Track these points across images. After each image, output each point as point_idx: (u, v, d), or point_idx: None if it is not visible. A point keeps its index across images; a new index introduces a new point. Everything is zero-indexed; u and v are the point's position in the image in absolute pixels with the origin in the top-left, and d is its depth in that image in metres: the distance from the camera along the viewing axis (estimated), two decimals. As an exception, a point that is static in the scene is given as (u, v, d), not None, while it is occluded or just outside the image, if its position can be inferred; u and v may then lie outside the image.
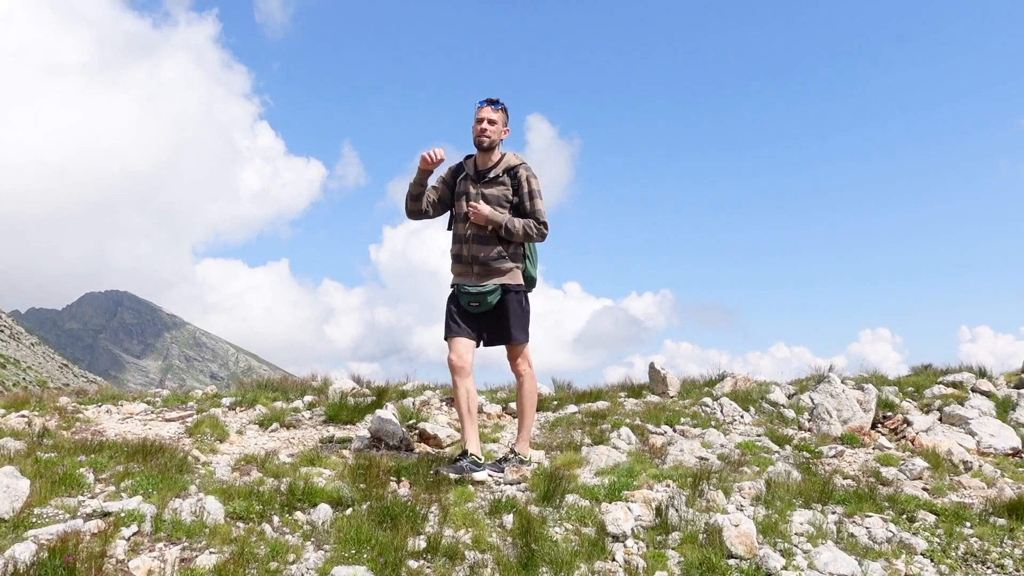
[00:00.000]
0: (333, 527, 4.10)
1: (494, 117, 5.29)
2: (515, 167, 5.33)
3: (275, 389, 7.88)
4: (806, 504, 4.96)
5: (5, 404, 6.83)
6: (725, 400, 7.62)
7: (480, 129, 5.27)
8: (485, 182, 5.29)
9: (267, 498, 4.33)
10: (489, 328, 5.35)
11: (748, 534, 4.19)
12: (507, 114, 5.40)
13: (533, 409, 5.60)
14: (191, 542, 3.79)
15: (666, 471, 5.39)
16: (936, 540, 4.58)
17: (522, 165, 5.34)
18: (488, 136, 5.27)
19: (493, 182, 5.29)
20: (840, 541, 4.47)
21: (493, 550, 4.00)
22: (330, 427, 6.49)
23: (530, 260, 5.47)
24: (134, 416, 6.78)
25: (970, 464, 6.27)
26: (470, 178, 5.37)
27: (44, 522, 3.81)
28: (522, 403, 5.53)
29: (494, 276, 5.25)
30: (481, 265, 5.24)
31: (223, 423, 6.28)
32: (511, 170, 5.32)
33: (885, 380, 9.05)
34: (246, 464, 5.13)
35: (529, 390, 5.50)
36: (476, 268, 5.26)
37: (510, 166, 5.33)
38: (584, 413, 7.24)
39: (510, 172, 5.32)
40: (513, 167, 5.33)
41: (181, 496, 4.24)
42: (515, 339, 5.35)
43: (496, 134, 5.31)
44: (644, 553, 4.13)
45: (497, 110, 5.32)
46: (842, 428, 7.13)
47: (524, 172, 5.30)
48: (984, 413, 7.61)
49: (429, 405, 7.40)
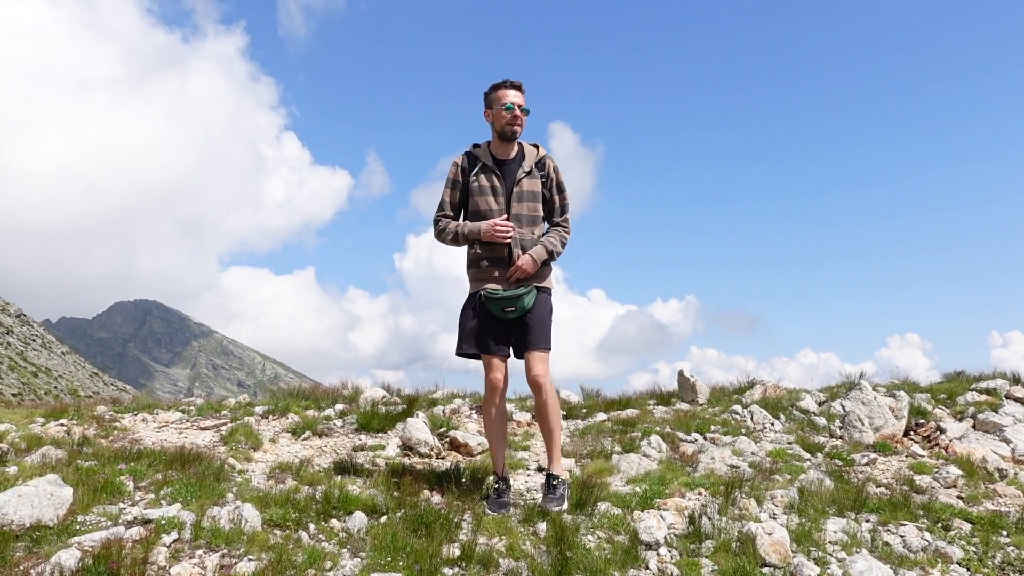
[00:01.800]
0: (368, 535, 4.14)
1: (524, 104, 4.82)
2: (543, 158, 4.92)
3: (306, 397, 7.97)
4: (839, 512, 4.93)
5: (44, 413, 6.97)
6: (755, 408, 7.59)
7: (512, 117, 4.77)
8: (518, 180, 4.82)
9: (303, 506, 4.39)
10: (517, 335, 4.79)
11: (782, 542, 4.17)
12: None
13: (560, 423, 4.99)
14: (230, 549, 3.85)
15: (698, 479, 5.38)
16: (972, 549, 4.54)
17: (548, 156, 4.95)
18: (521, 125, 4.82)
19: (522, 178, 4.83)
20: (875, 550, 4.44)
21: (527, 558, 4.02)
22: (362, 435, 6.55)
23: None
24: (169, 425, 6.88)
25: (1005, 472, 6.20)
26: (490, 170, 4.86)
27: (87, 529, 3.89)
28: (549, 419, 4.83)
29: (532, 278, 4.78)
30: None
31: (256, 431, 6.36)
32: (540, 161, 4.90)
33: (917, 387, 8.97)
34: (281, 472, 5.19)
35: (555, 403, 4.84)
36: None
37: (539, 157, 4.91)
38: (613, 421, 7.25)
39: (539, 164, 4.89)
40: (541, 158, 4.91)
41: (219, 504, 4.31)
42: (544, 345, 4.76)
43: (523, 124, 4.85)
44: (677, 561, 4.13)
45: (522, 92, 4.84)
46: (874, 436, 7.08)
47: (552, 163, 4.91)
48: (1019, 420, 7.53)
49: (459, 413, 7.44)
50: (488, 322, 4.78)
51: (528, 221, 4.81)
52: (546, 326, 4.78)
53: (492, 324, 4.77)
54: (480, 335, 4.78)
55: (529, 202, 4.82)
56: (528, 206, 4.82)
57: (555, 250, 4.83)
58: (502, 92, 4.79)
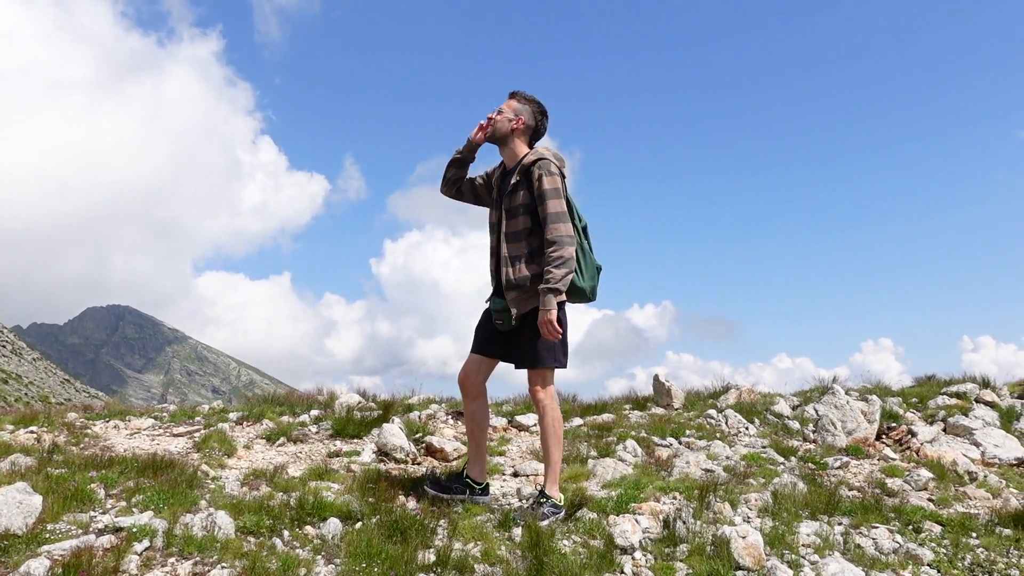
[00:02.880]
0: (343, 541, 4.12)
1: (503, 106, 4.77)
2: (530, 165, 4.61)
3: (281, 403, 7.91)
4: (812, 515, 4.98)
5: (14, 420, 6.86)
6: (730, 412, 7.65)
7: (487, 118, 4.78)
8: (507, 194, 4.68)
9: (277, 512, 4.35)
10: (516, 348, 4.69)
11: (756, 546, 4.20)
12: (525, 102, 4.78)
13: (560, 444, 4.73)
14: (203, 557, 3.81)
15: (673, 483, 5.41)
16: (943, 551, 4.60)
17: (538, 162, 4.58)
18: (493, 126, 4.74)
19: (514, 191, 4.65)
20: (847, 552, 4.48)
21: (502, 563, 4.02)
22: (337, 441, 6.51)
23: (576, 268, 4.61)
24: (142, 431, 6.80)
25: (975, 475, 6.29)
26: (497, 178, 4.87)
27: (57, 537, 3.83)
28: (545, 438, 4.69)
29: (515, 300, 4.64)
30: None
31: (230, 438, 6.30)
32: (526, 169, 4.63)
33: (889, 391, 9.09)
34: (255, 479, 5.15)
35: (551, 422, 4.65)
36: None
37: (526, 164, 4.63)
38: (590, 426, 7.27)
39: (525, 171, 4.63)
40: (528, 165, 4.62)
41: (192, 511, 4.26)
42: (534, 361, 4.62)
43: (502, 124, 4.72)
44: (652, 565, 4.14)
45: (512, 98, 4.79)
46: (847, 439, 7.16)
47: (537, 171, 4.55)
48: (988, 424, 7.64)
49: (435, 419, 7.42)
50: (485, 325, 4.85)
51: (513, 237, 4.67)
52: (534, 345, 4.58)
53: (488, 328, 4.82)
54: (476, 334, 4.87)
55: (514, 217, 4.66)
56: (514, 222, 4.67)
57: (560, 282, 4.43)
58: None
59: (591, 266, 4.75)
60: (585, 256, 4.70)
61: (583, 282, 4.64)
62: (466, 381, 4.85)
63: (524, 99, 4.78)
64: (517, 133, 4.76)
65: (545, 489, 4.72)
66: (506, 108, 4.76)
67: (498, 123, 4.74)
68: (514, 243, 4.66)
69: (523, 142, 4.79)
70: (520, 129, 4.75)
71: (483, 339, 4.83)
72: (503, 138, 4.76)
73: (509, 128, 4.73)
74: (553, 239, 4.46)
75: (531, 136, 4.82)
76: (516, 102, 4.77)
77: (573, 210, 4.71)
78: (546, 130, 4.86)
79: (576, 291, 4.63)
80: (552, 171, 4.55)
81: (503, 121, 4.73)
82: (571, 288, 4.58)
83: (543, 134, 4.85)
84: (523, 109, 4.76)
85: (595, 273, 4.77)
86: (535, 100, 4.81)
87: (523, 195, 4.61)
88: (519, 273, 4.60)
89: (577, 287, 4.61)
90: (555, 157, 4.66)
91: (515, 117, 4.74)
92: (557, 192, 4.52)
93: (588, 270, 4.71)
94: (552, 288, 4.40)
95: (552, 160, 4.61)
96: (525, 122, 4.75)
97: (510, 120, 4.74)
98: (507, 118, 4.74)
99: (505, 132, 4.74)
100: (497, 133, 4.75)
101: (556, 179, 4.55)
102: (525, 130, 4.77)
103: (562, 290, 4.43)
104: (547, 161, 4.58)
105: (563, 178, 4.65)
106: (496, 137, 4.77)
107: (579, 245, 4.65)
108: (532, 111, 4.78)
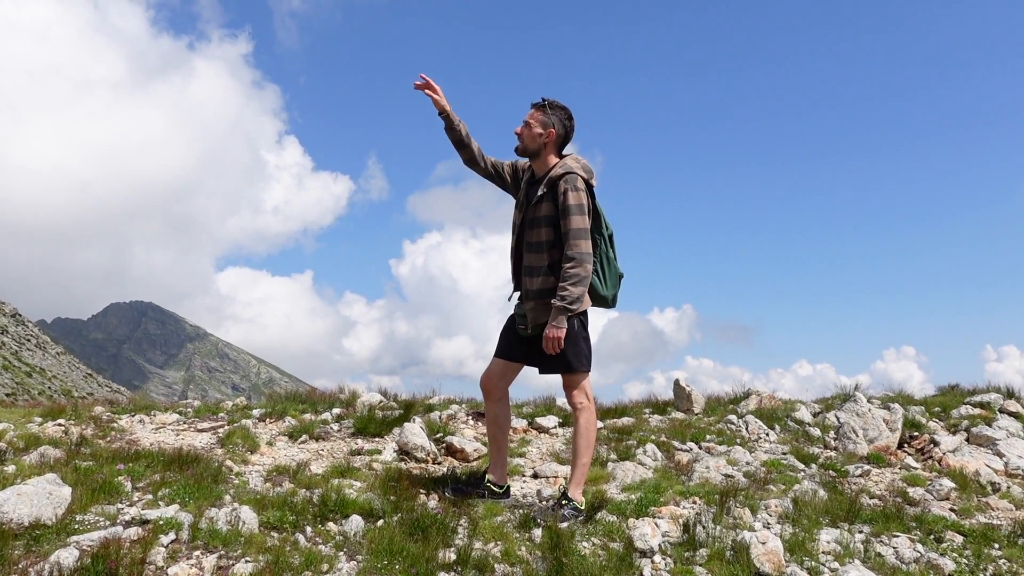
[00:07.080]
0: (365, 538, 4.16)
1: (529, 119, 4.68)
2: (557, 179, 4.56)
3: (303, 401, 7.99)
4: (833, 523, 4.96)
5: (42, 413, 6.99)
6: (750, 418, 7.63)
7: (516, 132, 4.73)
8: (533, 204, 4.65)
9: (300, 508, 4.41)
10: (540, 353, 4.67)
11: (776, 552, 4.20)
12: (553, 111, 4.68)
13: (590, 448, 4.78)
14: (227, 550, 3.87)
15: (692, 488, 5.41)
16: (964, 561, 4.57)
17: (565, 177, 4.54)
18: (521, 141, 4.71)
19: (539, 202, 4.63)
20: (867, 560, 4.47)
21: (522, 563, 4.04)
22: (358, 439, 6.57)
23: (599, 276, 4.72)
24: (167, 426, 6.90)
25: (998, 485, 6.24)
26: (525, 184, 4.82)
27: (86, 528, 3.91)
28: (576, 440, 4.75)
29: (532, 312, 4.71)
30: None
31: (254, 434, 6.38)
32: (553, 182, 4.58)
33: (911, 400, 9.02)
34: (278, 475, 5.22)
35: (585, 425, 4.72)
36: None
37: (554, 177, 4.58)
38: (609, 429, 7.28)
39: (552, 184, 4.58)
40: (556, 179, 4.57)
41: (216, 505, 4.33)
42: (564, 367, 4.67)
43: (529, 139, 4.68)
44: (672, 569, 4.15)
45: (538, 110, 4.68)
46: (868, 447, 7.11)
47: (563, 185, 4.50)
48: (1012, 434, 7.57)
49: (456, 419, 7.46)
50: (510, 330, 4.90)
51: (535, 248, 4.67)
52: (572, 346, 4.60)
53: (513, 333, 4.88)
54: (500, 338, 4.93)
55: (537, 228, 4.64)
56: (536, 232, 4.65)
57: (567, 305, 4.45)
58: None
59: (614, 275, 4.81)
60: (609, 265, 4.76)
61: (605, 291, 4.76)
62: (488, 384, 4.90)
63: (552, 108, 4.68)
64: (548, 146, 4.71)
65: (568, 491, 4.74)
66: (533, 121, 4.68)
67: (526, 139, 4.69)
68: (535, 253, 4.68)
69: (553, 152, 4.74)
70: (546, 142, 4.69)
71: (507, 344, 4.88)
72: (526, 153, 4.74)
73: (541, 144, 4.68)
74: (572, 255, 4.47)
75: (560, 143, 4.77)
76: (542, 114, 4.67)
77: (601, 219, 4.73)
78: (574, 132, 4.82)
79: (598, 298, 4.76)
80: (579, 187, 4.52)
81: (535, 137, 4.67)
82: (593, 295, 4.72)
83: (571, 138, 4.82)
84: (552, 120, 4.67)
85: (617, 281, 4.85)
86: (563, 107, 4.73)
87: (547, 207, 4.59)
88: (538, 285, 4.65)
89: (600, 295, 4.75)
90: (584, 169, 4.63)
91: (544, 131, 4.66)
92: (581, 208, 4.50)
93: (611, 279, 4.79)
94: (564, 307, 4.45)
95: (580, 175, 4.56)
96: (556, 133, 4.69)
97: (540, 135, 4.67)
98: (537, 133, 4.66)
99: (537, 149, 4.70)
100: (529, 150, 4.71)
101: (582, 195, 4.52)
102: (555, 140, 4.71)
103: (575, 310, 4.48)
104: (574, 176, 4.53)
105: (591, 189, 4.64)
106: (528, 153, 4.73)
107: (604, 254, 4.73)
108: (561, 119, 4.70)
